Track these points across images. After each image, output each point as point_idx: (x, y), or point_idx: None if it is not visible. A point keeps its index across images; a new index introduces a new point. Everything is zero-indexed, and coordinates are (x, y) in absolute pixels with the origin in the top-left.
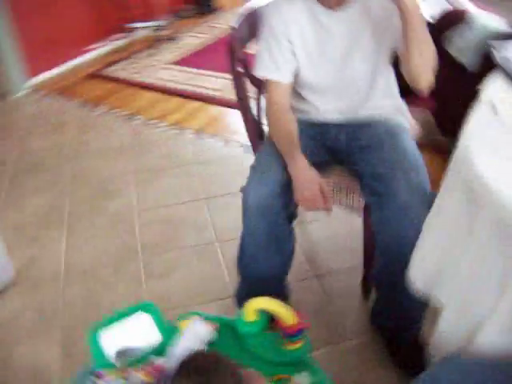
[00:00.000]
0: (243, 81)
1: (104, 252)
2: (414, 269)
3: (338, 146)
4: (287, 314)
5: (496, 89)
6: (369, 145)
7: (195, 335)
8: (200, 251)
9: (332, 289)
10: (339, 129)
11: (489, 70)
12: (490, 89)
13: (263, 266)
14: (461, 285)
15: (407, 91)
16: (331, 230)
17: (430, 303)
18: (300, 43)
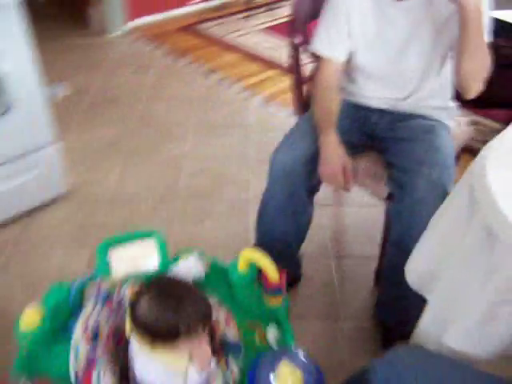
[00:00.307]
0: (299, 53)
1: (149, 188)
2: (411, 265)
3: (376, 133)
4: (272, 271)
5: None
6: (404, 137)
7: (186, 268)
8: (234, 208)
9: (347, 272)
10: (380, 116)
11: None
12: None
13: (278, 230)
14: (444, 286)
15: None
16: (363, 218)
17: None
18: (359, 27)
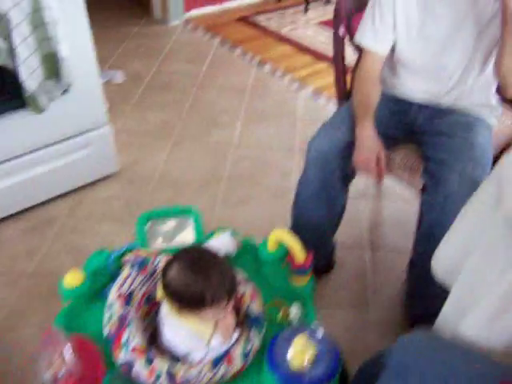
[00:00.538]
0: (343, 45)
1: (194, 172)
2: (437, 256)
3: (414, 126)
4: (299, 252)
5: None
6: (442, 132)
7: (219, 244)
8: (276, 194)
9: (380, 264)
10: (420, 109)
11: None
12: None
13: (312, 215)
14: (465, 276)
15: None
16: (401, 212)
17: None
18: (403, 19)
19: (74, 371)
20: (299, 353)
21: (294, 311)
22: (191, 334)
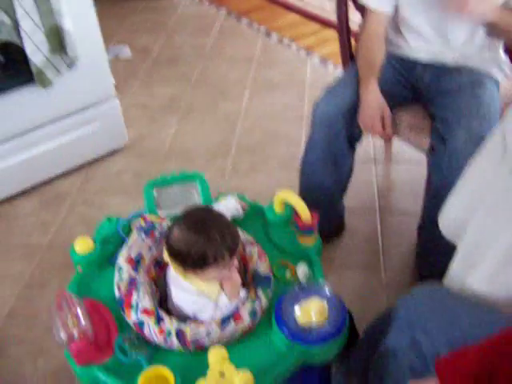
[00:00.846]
0: (347, 6)
1: (204, 143)
2: (444, 213)
3: (420, 85)
4: (305, 211)
5: None
6: (448, 90)
7: (225, 206)
8: (286, 162)
9: (391, 227)
10: (425, 68)
11: None
12: None
13: (319, 178)
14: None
15: None
16: (411, 175)
17: None
18: None
19: (88, 332)
20: (306, 309)
21: (302, 270)
22: (198, 295)
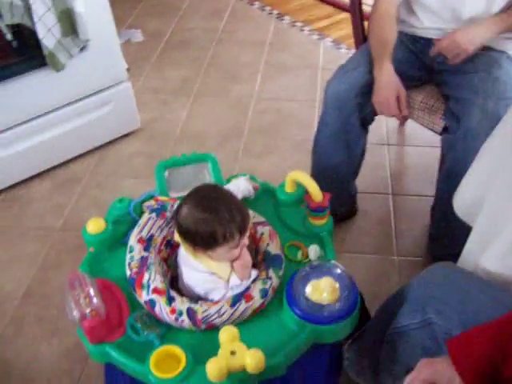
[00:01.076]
0: None
1: (216, 125)
2: (458, 194)
3: (434, 65)
4: (316, 191)
5: None
6: (463, 69)
7: (236, 186)
8: (297, 144)
9: (404, 209)
10: None
11: None
12: None
13: (331, 158)
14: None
15: None
16: (425, 158)
17: None
18: None
19: (100, 310)
20: (318, 289)
21: (313, 251)
22: (209, 274)
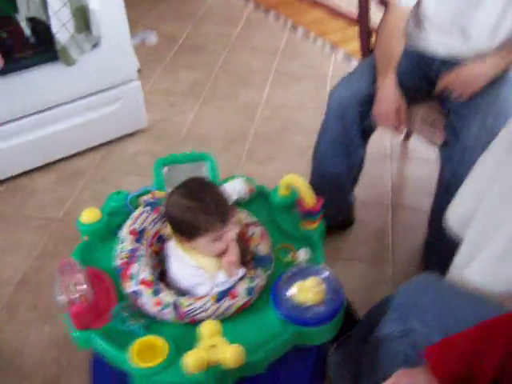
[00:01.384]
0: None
1: (221, 128)
2: (452, 208)
3: (437, 80)
4: (309, 195)
5: None
6: None
7: (232, 187)
8: (300, 152)
9: (401, 222)
10: (443, 63)
11: None
12: None
13: (330, 165)
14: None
15: None
16: (426, 173)
17: None
18: None
19: (88, 297)
20: (303, 289)
21: (303, 254)
22: (196, 269)
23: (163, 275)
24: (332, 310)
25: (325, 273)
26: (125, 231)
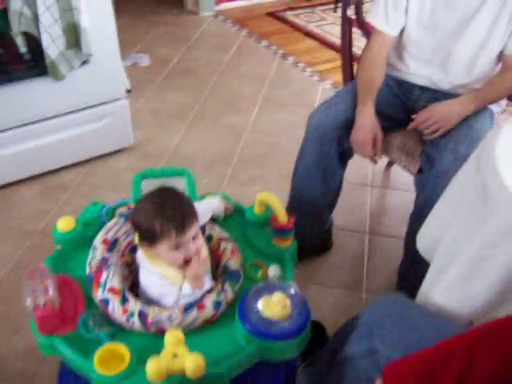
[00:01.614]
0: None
1: (206, 150)
2: (422, 232)
3: (416, 109)
4: (281, 213)
5: None
6: None
7: (209, 204)
8: (283, 175)
9: (378, 249)
10: (422, 92)
11: None
12: None
13: (308, 187)
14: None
15: None
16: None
17: None
18: (416, 3)
19: (55, 302)
20: (269, 303)
21: (273, 271)
22: (160, 278)
23: (136, 286)
24: (297, 327)
25: (291, 289)
26: (97, 240)
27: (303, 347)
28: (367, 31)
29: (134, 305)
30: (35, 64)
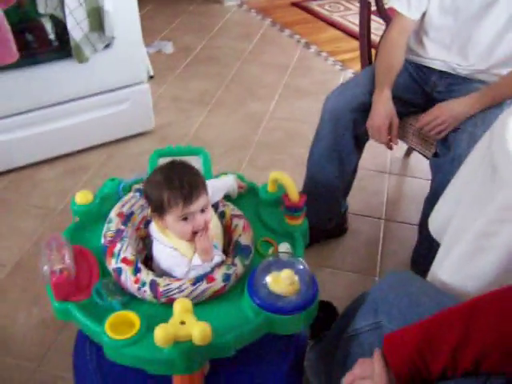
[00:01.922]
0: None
1: (225, 136)
2: (434, 214)
3: (434, 93)
4: (293, 191)
5: None
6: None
7: (224, 182)
8: (300, 162)
9: (393, 235)
10: (440, 77)
11: None
12: None
13: (323, 171)
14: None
15: None
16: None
17: None
18: None
19: (70, 269)
20: (278, 278)
21: (283, 248)
22: (172, 250)
23: (150, 260)
24: (303, 302)
25: (300, 266)
26: (113, 213)
27: (309, 322)
28: (387, 17)
29: (146, 275)
30: (60, 47)
